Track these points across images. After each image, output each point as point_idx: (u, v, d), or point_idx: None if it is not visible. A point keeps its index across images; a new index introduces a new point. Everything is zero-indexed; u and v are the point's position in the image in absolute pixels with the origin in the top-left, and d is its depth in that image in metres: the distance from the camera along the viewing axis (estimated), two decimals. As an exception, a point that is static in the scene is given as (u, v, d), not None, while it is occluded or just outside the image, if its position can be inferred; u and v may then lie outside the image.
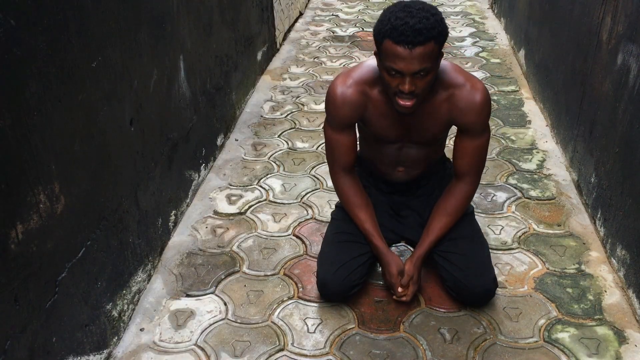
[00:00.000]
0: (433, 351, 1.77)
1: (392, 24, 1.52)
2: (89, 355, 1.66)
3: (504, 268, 2.10)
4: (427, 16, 1.51)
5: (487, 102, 1.73)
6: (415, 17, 1.50)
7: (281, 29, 4.38)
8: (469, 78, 1.73)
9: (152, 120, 2.07)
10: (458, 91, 1.71)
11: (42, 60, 1.38)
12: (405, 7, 1.54)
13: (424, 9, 1.54)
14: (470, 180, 1.86)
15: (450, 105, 1.72)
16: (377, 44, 1.61)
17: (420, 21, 1.50)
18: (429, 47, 1.51)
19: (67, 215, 1.51)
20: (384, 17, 1.58)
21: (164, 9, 2.18)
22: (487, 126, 1.79)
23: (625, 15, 2.08)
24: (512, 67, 3.88)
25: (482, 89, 1.72)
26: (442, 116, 1.75)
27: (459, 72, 1.74)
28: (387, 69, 1.58)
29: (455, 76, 1.72)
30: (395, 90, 1.60)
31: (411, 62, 1.52)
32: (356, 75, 1.76)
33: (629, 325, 1.84)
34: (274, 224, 2.37)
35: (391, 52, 1.54)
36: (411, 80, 1.56)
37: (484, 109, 1.72)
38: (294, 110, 3.35)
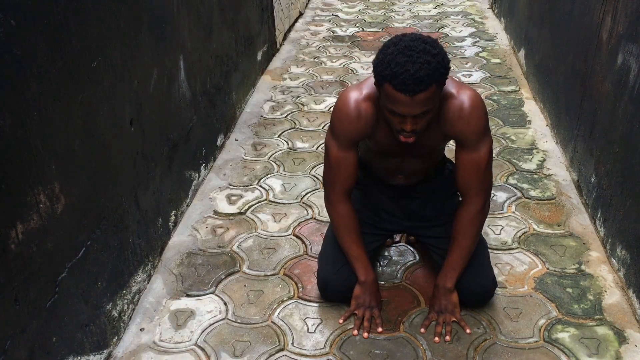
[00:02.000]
0: (433, 351, 1.77)
1: (393, 71, 1.45)
2: (89, 355, 1.66)
3: (504, 268, 2.10)
4: (429, 60, 1.44)
5: (475, 109, 1.62)
6: (417, 62, 1.43)
7: (281, 29, 4.38)
8: (457, 86, 1.64)
9: (152, 120, 2.07)
10: (447, 102, 1.62)
11: (42, 60, 1.38)
12: (405, 49, 1.45)
13: (425, 50, 1.45)
14: (475, 200, 1.73)
15: (441, 117, 1.64)
16: (376, 82, 1.54)
17: (421, 68, 1.43)
18: (430, 91, 1.46)
19: (67, 215, 1.51)
20: (384, 57, 1.48)
21: (164, 9, 2.18)
22: (485, 136, 1.66)
23: (625, 15, 2.08)
24: (512, 67, 3.88)
25: (469, 95, 1.62)
26: (437, 131, 1.67)
27: (450, 81, 1.64)
28: (388, 109, 1.54)
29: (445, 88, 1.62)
30: (397, 128, 1.56)
31: (412, 107, 1.48)
32: (370, 90, 1.66)
33: (629, 325, 1.84)
34: (274, 224, 2.37)
35: (392, 96, 1.48)
36: (412, 120, 1.52)
37: (472, 116, 1.62)
38: (294, 110, 3.35)
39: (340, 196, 1.79)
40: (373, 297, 1.87)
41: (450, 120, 1.64)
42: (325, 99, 3.48)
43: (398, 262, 2.14)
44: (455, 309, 1.85)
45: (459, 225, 1.77)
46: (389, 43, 1.51)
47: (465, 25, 4.81)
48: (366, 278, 1.85)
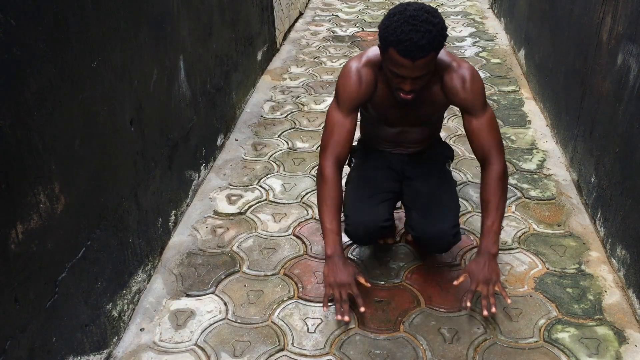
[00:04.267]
0: (433, 351, 1.77)
1: (398, 38, 1.59)
2: (89, 355, 1.66)
3: (504, 268, 2.10)
4: (430, 29, 1.59)
5: (474, 77, 1.80)
6: (419, 31, 1.58)
7: (281, 29, 4.38)
8: (454, 59, 1.82)
9: (152, 120, 2.07)
10: (446, 73, 1.80)
11: (42, 60, 1.38)
12: (410, 18, 1.60)
13: (428, 20, 1.60)
14: (495, 160, 1.84)
15: (442, 87, 1.82)
16: (381, 46, 1.69)
17: (423, 36, 1.58)
18: (430, 57, 1.62)
19: (67, 215, 1.51)
20: (390, 24, 1.63)
21: (164, 9, 2.18)
22: (485, 102, 1.84)
23: (625, 15, 2.08)
24: (512, 67, 3.88)
25: (467, 67, 1.81)
26: (436, 99, 1.85)
27: (446, 54, 1.82)
28: (391, 71, 1.69)
29: (443, 60, 1.80)
30: (397, 86, 1.72)
31: (413, 70, 1.64)
32: (371, 56, 1.82)
33: (629, 325, 1.84)
34: (274, 224, 2.37)
35: (395, 60, 1.64)
36: (412, 81, 1.68)
37: (473, 83, 1.80)
38: (294, 110, 3.35)
39: (330, 162, 1.84)
40: (342, 273, 1.81)
41: (454, 89, 1.81)
42: (325, 99, 3.48)
43: (398, 262, 2.14)
44: (499, 279, 1.81)
45: (488, 187, 1.84)
46: (394, 11, 1.65)
47: (465, 25, 4.81)
48: (332, 252, 1.82)
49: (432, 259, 2.15)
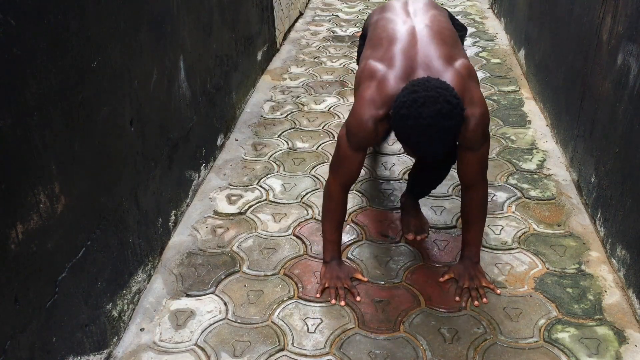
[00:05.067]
0: (433, 351, 1.77)
1: (414, 146, 1.58)
2: (89, 355, 1.66)
3: (504, 268, 2.10)
4: (447, 137, 1.54)
5: (482, 118, 1.72)
6: (437, 141, 1.54)
7: (281, 29, 4.38)
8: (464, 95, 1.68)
9: (152, 120, 2.07)
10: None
11: (42, 60, 1.38)
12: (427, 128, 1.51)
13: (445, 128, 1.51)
14: (480, 186, 1.91)
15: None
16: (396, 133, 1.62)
17: (441, 145, 1.55)
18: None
19: (67, 215, 1.51)
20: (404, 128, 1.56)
21: (164, 9, 2.18)
22: (486, 137, 1.79)
23: (625, 15, 2.08)
24: (512, 67, 3.88)
25: (478, 105, 1.70)
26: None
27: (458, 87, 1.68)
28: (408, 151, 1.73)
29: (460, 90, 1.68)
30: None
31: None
32: (385, 108, 1.70)
33: (629, 325, 1.84)
34: (274, 224, 2.37)
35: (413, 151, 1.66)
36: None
37: (480, 129, 1.73)
38: (294, 110, 3.35)
39: (338, 185, 1.92)
40: (338, 271, 2.01)
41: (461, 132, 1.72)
42: (325, 99, 3.48)
43: (398, 262, 2.14)
44: (484, 275, 2.02)
45: (471, 210, 1.95)
46: (407, 113, 1.53)
47: (465, 25, 4.81)
48: (330, 258, 2.03)
49: (432, 259, 2.15)
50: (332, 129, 3.11)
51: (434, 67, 1.70)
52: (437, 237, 2.28)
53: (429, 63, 1.71)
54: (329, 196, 1.95)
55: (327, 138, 3.02)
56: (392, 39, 1.80)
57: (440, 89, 1.53)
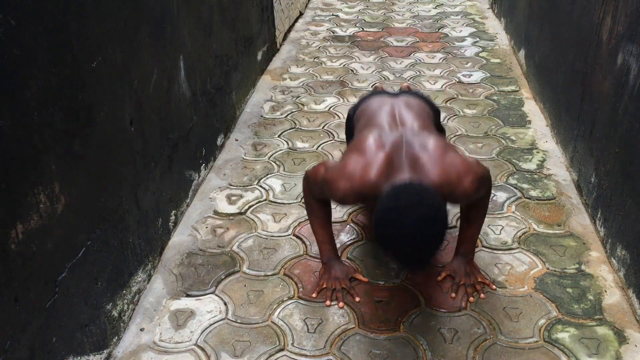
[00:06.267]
0: (433, 351, 1.77)
1: (397, 256, 1.52)
2: (89, 355, 1.66)
3: (504, 268, 2.10)
4: (431, 245, 1.49)
5: (477, 190, 1.71)
6: (419, 250, 1.48)
7: (281, 29, 4.38)
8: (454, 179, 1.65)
9: (152, 120, 2.07)
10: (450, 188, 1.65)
11: (42, 60, 1.38)
12: (408, 237, 1.45)
13: (427, 235, 1.46)
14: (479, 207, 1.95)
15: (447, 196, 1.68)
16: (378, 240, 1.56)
17: (425, 256, 1.51)
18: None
19: (67, 215, 1.51)
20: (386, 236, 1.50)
21: (164, 9, 2.18)
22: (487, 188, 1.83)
23: (625, 15, 2.08)
24: (512, 67, 3.88)
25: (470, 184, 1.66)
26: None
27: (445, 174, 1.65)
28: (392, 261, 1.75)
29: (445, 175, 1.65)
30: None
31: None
32: (362, 189, 1.65)
33: (629, 325, 1.84)
34: (274, 224, 2.37)
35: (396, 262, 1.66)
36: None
37: (477, 193, 1.74)
38: (294, 110, 3.35)
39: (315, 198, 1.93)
40: (336, 271, 2.01)
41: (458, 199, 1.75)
42: (325, 99, 3.48)
43: (398, 262, 2.14)
44: (479, 272, 2.03)
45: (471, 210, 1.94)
46: (389, 219, 1.48)
47: (465, 25, 4.81)
48: (327, 259, 2.03)
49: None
50: (332, 129, 3.11)
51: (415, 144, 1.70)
52: (437, 237, 2.28)
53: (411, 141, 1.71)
54: (308, 203, 1.96)
55: (327, 138, 3.02)
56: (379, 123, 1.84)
57: (422, 192, 1.50)
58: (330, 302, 1.95)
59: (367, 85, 3.64)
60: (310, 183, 1.89)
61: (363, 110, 2.04)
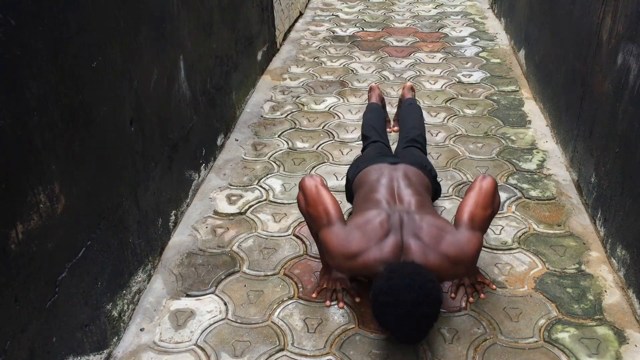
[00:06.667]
0: (433, 351, 1.77)
1: (394, 333, 1.63)
2: (89, 355, 1.66)
3: (504, 268, 2.10)
4: (428, 323, 1.61)
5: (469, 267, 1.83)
6: (415, 329, 1.60)
7: (281, 29, 4.38)
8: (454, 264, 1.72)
9: (152, 120, 2.07)
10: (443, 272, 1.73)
11: (42, 60, 1.38)
12: (406, 316, 1.56)
13: (424, 315, 1.58)
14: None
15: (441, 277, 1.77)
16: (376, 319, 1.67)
17: (422, 333, 1.62)
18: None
19: (67, 215, 1.51)
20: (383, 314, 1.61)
21: (164, 9, 2.18)
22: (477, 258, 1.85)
23: (625, 15, 2.08)
24: (512, 67, 3.88)
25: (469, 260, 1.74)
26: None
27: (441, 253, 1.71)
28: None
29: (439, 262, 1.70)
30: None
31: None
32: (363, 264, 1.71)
33: (629, 325, 1.84)
34: (274, 224, 2.37)
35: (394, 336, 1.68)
36: None
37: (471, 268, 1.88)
38: (294, 110, 3.35)
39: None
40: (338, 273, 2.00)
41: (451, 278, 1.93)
42: (325, 99, 3.48)
43: (398, 262, 2.14)
44: (479, 273, 2.04)
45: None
46: (386, 300, 1.58)
47: (465, 25, 4.81)
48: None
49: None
50: (332, 129, 3.11)
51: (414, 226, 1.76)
52: (437, 237, 2.27)
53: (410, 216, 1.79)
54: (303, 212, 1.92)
55: (327, 138, 3.02)
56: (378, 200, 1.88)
57: (416, 274, 1.59)
58: (331, 303, 1.95)
59: (367, 85, 3.64)
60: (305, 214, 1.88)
61: (362, 180, 2.04)
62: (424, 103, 3.36)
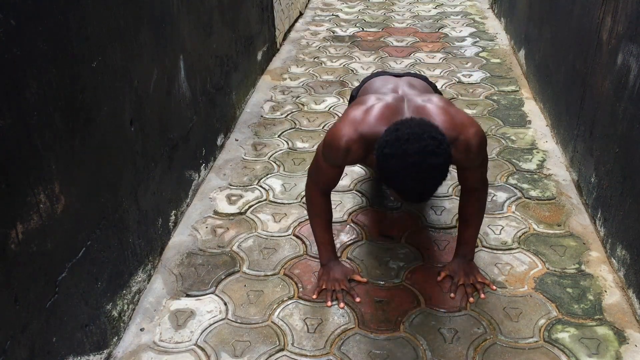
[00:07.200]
0: (433, 351, 1.77)
1: (400, 187, 1.49)
2: (89, 355, 1.66)
3: (504, 268, 2.10)
4: (435, 175, 1.47)
5: (474, 139, 1.68)
6: (424, 181, 1.46)
7: (281, 29, 4.38)
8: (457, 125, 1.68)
9: (152, 120, 2.07)
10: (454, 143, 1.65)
11: (42, 60, 1.38)
12: (411, 167, 1.43)
13: (431, 166, 1.44)
14: (480, 189, 1.93)
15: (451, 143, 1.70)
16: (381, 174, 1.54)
17: (429, 185, 1.48)
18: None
19: (67, 215, 1.51)
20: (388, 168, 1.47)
21: (164, 9, 2.18)
22: (483, 155, 1.79)
23: (625, 15, 2.08)
24: (512, 67, 3.88)
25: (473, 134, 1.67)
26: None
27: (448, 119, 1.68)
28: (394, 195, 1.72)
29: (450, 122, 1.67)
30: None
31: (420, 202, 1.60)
32: (364, 132, 1.68)
33: (629, 325, 1.84)
34: (274, 224, 2.37)
35: (399, 196, 1.55)
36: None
37: (478, 154, 1.72)
38: (294, 110, 3.35)
39: (317, 191, 1.93)
40: (335, 272, 2.01)
41: (457, 161, 1.72)
42: (325, 99, 3.48)
43: (398, 262, 2.14)
44: (478, 272, 2.03)
45: (470, 210, 1.96)
46: (391, 152, 1.45)
47: (465, 25, 4.81)
48: (327, 261, 2.02)
49: (432, 259, 2.15)
50: (332, 129, 3.11)
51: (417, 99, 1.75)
52: (437, 237, 2.28)
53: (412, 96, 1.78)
54: (310, 201, 1.95)
55: (327, 138, 3.03)
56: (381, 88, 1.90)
57: (424, 125, 1.49)
58: (331, 303, 1.95)
59: (367, 85, 3.64)
60: (313, 170, 1.90)
61: (365, 90, 2.04)
62: (424, 103, 3.36)
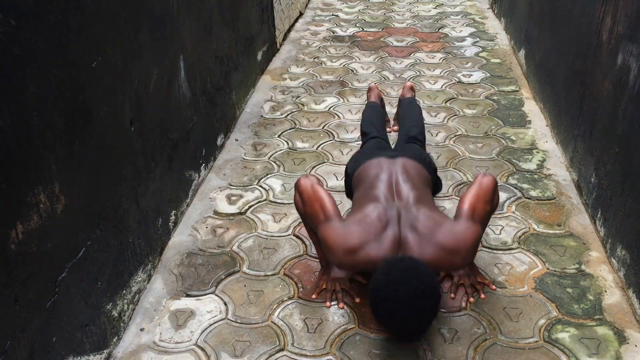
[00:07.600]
0: (433, 351, 1.77)
1: (392, 328, 1.65)
2: (89, 355, 1.66)
3: (504, 268, 2.10)
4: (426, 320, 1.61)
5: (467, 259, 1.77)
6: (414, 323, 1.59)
7: (281, 29, 4.38)
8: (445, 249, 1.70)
9: (152, 120, 2.07)
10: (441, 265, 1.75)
11: (42, 60, 1.38)
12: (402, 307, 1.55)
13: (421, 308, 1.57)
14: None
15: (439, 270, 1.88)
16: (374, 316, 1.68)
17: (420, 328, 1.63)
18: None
19: (67, 215, 1.51)
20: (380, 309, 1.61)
21: (164, 9, 2.18)
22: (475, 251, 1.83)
23: (625, 15, 2.08)
24: (512, 67, 3.88)
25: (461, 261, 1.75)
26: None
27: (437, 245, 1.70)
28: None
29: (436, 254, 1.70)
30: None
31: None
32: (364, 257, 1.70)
33: (629, 325, 1.84)
34: (274, 224, 2.37)
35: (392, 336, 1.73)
36: None
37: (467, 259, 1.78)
38: (294, 110, 3.35)
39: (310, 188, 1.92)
40: (336, 272, 2.00)
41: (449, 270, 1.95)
42: (325, 99, 3.48)
43: (398, 262, 2.14)
44: (479, 274, 2.03)
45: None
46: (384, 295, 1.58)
47: (465, 25, 4.81)
48: (327, 263, 2.02)
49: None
50: (332, 129, 3.11)
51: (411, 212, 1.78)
52: (437, 237, 2.27)
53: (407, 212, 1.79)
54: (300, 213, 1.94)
55: (327, 138, 3.02)
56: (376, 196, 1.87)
57: (413, 269, 1.59)
58: (331, 303, 1.95)
59: (367, 85, 3.64)
60: (303, 213, 1.90)
61: (361, 175, 2.04)
62: (424, 103, 3.36)
